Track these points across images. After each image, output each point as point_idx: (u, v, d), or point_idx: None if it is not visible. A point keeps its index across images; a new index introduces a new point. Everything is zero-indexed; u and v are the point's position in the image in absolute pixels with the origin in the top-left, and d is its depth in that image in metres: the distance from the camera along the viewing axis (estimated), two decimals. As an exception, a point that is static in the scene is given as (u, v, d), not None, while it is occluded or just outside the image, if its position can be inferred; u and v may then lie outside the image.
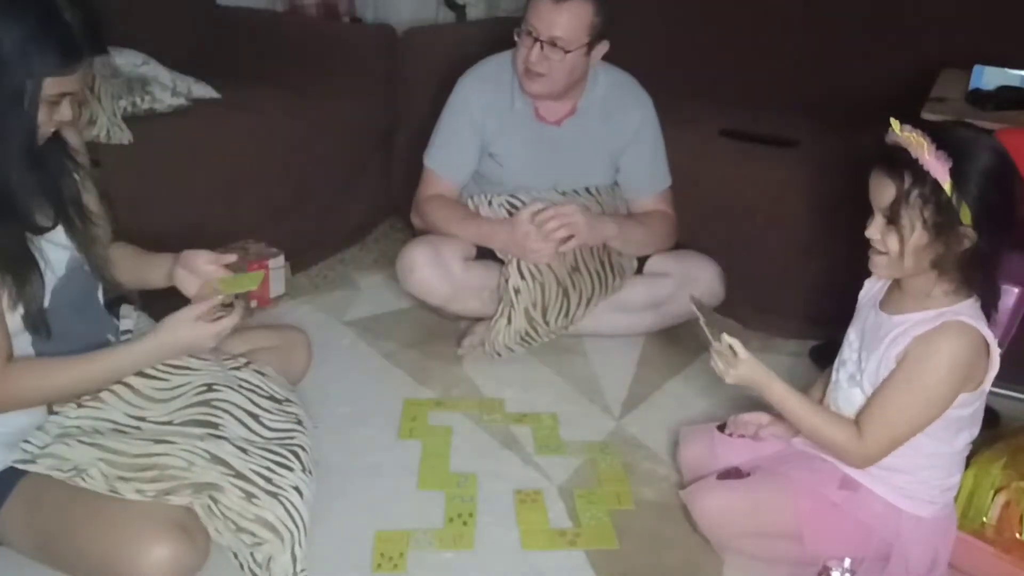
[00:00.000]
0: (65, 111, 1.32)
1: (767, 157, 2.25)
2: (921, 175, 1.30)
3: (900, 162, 1.32)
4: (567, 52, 1.95)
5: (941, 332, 1.34)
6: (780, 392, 1.45)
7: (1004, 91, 1.94)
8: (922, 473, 1.43)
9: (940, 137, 1.31)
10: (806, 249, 2.19)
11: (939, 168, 1.28)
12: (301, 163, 2.44)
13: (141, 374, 1.47)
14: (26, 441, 1.37)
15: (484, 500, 1.67)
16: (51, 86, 1.27)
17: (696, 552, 1.56)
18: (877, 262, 1.41)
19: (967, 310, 1.36)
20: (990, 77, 1.98)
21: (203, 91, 2.31)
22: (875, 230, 1.38)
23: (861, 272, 1.53)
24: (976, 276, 1.35)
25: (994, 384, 1.90)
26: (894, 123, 1.34)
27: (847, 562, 1.29)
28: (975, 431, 1.45)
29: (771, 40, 2.60)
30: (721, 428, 1.68)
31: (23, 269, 1.33)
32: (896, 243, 1.36)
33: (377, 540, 1.55)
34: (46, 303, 1.37)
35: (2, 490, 1.36)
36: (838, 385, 1.51)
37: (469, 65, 2.16)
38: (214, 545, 1.38)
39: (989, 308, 1.39)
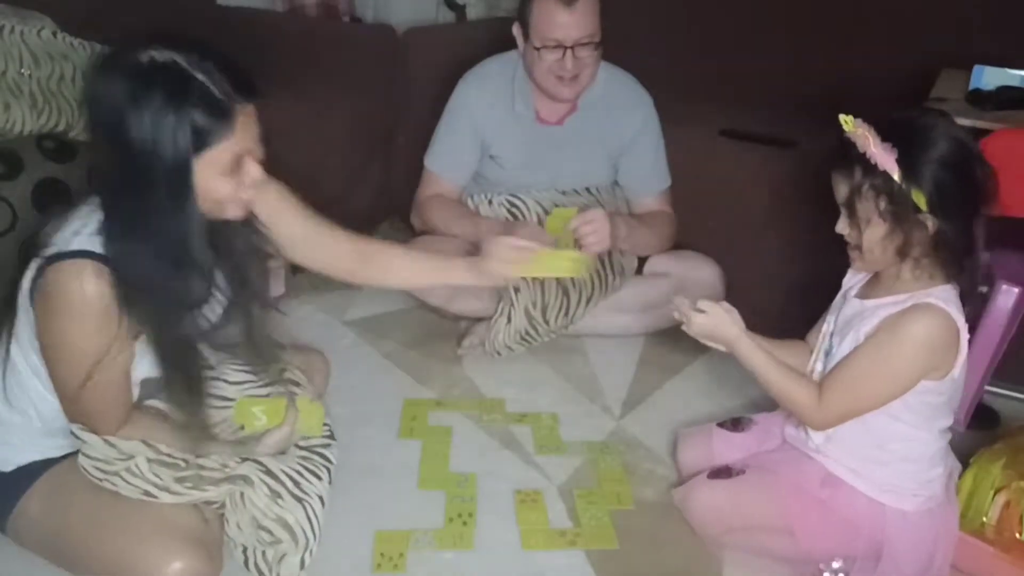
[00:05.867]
0: (252, 169, 1.26)
1: (767, 157, 2.25)
2: (871, 167, 1.32)
3: (851, 157, 1.34)
4: (597, 44, 1.96)
5: (911, 312, 1.36)
6: (746, 348, 1.45)
7: (1004, 91, 1.94)
8: (900, 465, 1.44)
9: (891, 128, 1.32)
10: (806, 249, 2.19)
11: (885, 158, 1.30)
12: (301, 163, 2.42)
13: None
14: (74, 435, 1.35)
15: (484, 500, 1.67)
16: (219, 154, 1.20)
17: (696, 552, 1.56)
18: (854, 256, 1.44)
19: (940, 293, 1.37)
20: (990, 77, 1.98)
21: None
22: (842, 226, 1.41)
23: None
24: (947, 259, 1.36)
25: (994, 384, 1.92)
26: (844, 120, 1.36)
27: (837, 563, 1.30)
28: (949, 420, 1.46)
29: (771, 40, 2.59)
30: (721, 425, 1.69)
31: (183, 349, 1.33)
32: (857, 237, 1.38)
33: (377, 540, 1.55)
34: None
35: (25, 482, 1.36)
36: (820, 376, 1.50)
37: (469, 65, 2.16)
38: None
39: (968, 295, 1.40)
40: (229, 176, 1.24)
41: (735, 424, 1.68)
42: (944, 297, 1.36)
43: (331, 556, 1.49)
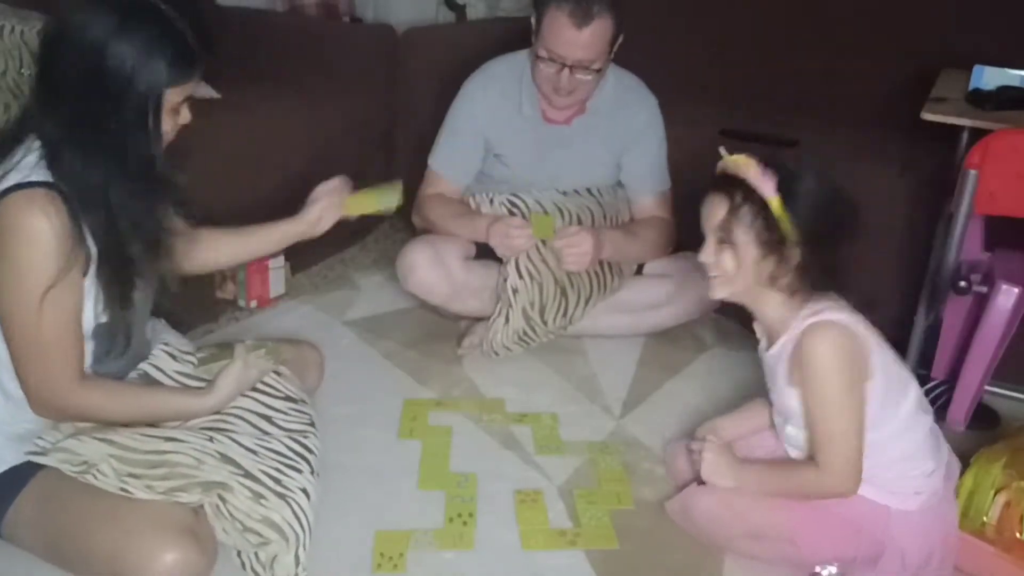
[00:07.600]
0: (186, 114, 1.37)
1: (767, 157, 2.25)
2: (751, 192, 1.37)
3: (732, 183, 1.40)
4: (597, 70, 1.95)
5: (803, 344, 1.39)
6: (746, 481, 1.50)
7: (1004, 91, 1.93)
8: (897, 466, 1.44)
9: (768, 162, 1.39)
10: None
11: (766, 185, 1.36)
12: (301, 163, 2.43)
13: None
14: (40, 438, 1.37)
15: (484, 500, 1.66)
16: (175, 94, 1.31)
17: (696, 552, 1.56)
18: (713, 284, 1.47)
19: (813, 308, 1.41)
20: (990, 77, 1.98)
21: (203, 91, 2.30)
22: (708, 253, 1.45)
23: (859, 271, 1.53)
24: (805, 287, 1.41)
25: (994, 384, 1.92)
26: (723, 152, 1.44)
27: (833, 567, 1.31)
28: (910, 399, 1.46)
29: (771, 40, 2.59)
30: None
31: (129, 279, 1.36)
32: (731, 261, 1.42)
33: (377, 540, 1.55)
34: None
35: (16, 485, 1.37)
36: (779, 430, 1.56)
37: (469, 65, 2.16)
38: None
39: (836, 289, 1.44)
40: (170, 115, 1.34)
41: None
42: (817, 309, 1.40)
43: (331, 556, 1.49)
